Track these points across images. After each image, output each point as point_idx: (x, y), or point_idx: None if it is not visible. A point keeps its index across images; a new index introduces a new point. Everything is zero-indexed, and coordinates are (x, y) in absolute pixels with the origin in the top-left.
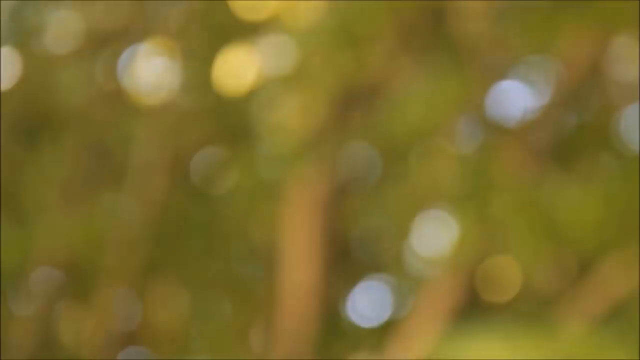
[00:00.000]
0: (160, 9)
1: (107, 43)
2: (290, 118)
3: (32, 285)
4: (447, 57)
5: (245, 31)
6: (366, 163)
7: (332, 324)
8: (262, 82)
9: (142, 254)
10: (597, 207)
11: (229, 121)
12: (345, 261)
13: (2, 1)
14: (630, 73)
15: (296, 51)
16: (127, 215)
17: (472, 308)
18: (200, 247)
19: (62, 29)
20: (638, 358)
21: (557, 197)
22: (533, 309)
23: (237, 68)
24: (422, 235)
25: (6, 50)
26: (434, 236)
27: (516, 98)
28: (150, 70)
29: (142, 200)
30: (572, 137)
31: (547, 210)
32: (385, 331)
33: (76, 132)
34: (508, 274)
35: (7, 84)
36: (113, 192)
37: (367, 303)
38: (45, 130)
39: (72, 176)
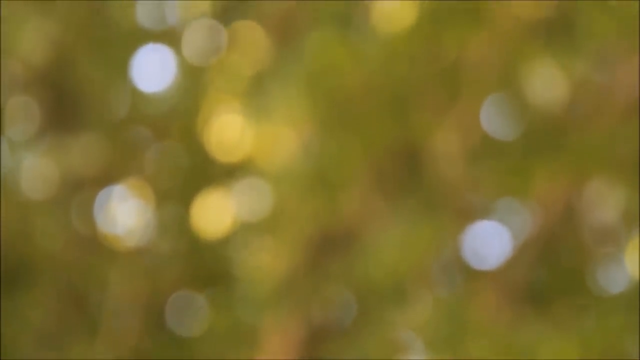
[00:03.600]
0: (135, 151)
1: (82, 187)
2: (265, 262)
3: None
4: (422, 199)
5: (220, 174)
6: (342, 307)
7: None
8: (238, 226)
9: None
10: (573, 352)
11: (204, 264)
12: None
13: None
14: (604, 217)
15: (271, 194)
16: None
17: None
18: None
19: (37, 175)
20: None
21: (534, 341)
22: None
23: (213, 211)
24: None
25: None
26: None
27: (492, 240)
28: (125, 213)
29: (117, 345)
30: (547, 280)
31: (524, 355)
32: None
33: (52, 277)
34: None
35: None
36: (88, 336)
37: None
38: (21, 276)
39: (47, 322)
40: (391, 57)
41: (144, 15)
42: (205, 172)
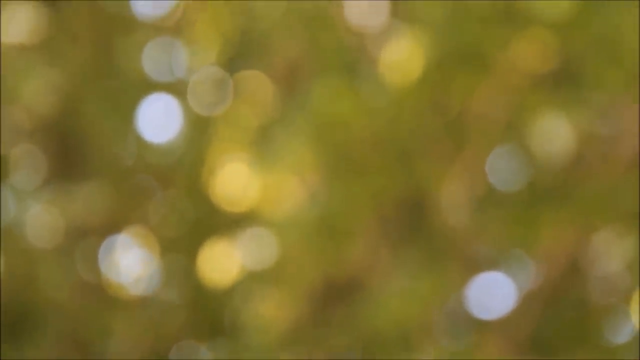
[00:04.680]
0: (140, 200)
1: (87, 235)
2: (270, 311)
3: None
4: (427, 249)
5: (225, 223)
6: (346, 356)
7: None
8: (243, 275)
9: None
10: None
11: (209, 314)
12: None
13: None
14: (609, 268)
15: (276, 244)
16: None
17: None
18: None
19: (42, 224)
20: None
21: None
22: None
23: (218, 260)
24: None
25: None
26: None
27: (496, 291)
28: (130, 262)
29: None
30: (552, 331)
31: None
32: None
33: (56, 325)
34: None
35: None
36: None
37: None
38: (25, 323)
39: None
40: (397, 107)
41: (150, 64)
42: (210, 221)
